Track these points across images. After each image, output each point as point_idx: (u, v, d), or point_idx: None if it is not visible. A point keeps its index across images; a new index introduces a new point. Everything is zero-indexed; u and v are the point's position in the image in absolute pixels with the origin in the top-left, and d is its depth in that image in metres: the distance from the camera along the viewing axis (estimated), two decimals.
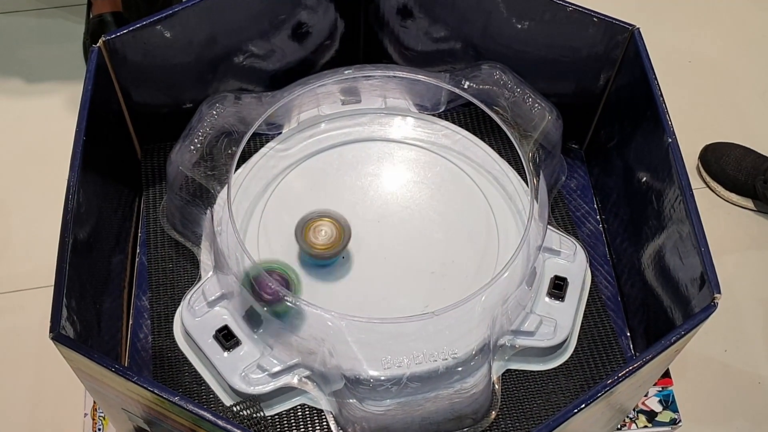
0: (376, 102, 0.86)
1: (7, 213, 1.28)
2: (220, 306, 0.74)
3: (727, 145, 1.33)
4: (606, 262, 0.82)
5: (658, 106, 0.72)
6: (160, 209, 0.83)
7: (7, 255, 1.23)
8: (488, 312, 0.70)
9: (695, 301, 0.66)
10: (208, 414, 0.55)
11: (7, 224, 1.26)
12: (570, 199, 0.86)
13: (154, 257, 0.80)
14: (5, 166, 1.32)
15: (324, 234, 0.73)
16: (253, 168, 0.81)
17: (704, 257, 0.64)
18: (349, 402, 0.68)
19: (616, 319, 0.78)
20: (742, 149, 1.32)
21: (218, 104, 0.78)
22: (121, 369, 0.56)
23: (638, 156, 0.78)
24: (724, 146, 1.33)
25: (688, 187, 0.67)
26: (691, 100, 1.44)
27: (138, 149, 0.88)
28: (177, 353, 0.75)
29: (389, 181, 0.81)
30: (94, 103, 0.72)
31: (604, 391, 0.56)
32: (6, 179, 1.31)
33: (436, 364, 0.68)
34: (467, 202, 0.80)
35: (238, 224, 0.76)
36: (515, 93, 0.81)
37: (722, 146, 1.33)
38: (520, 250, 0.72)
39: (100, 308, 0.73)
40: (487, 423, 0.71)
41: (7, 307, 1.17)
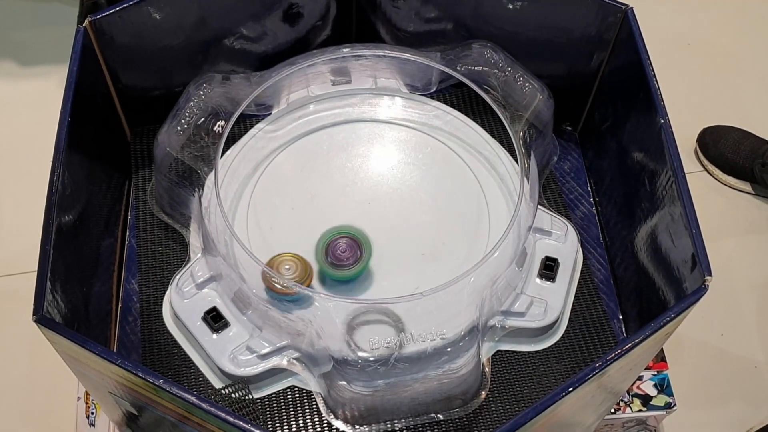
0: (367, 82, 0.85)
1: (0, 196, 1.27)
2: (208, 288, 0.73)
3: (726, 129, 1.32)
4: (599, 244, 0.82)
5: (650, 87, 0.71)
6: (148, 191, 0.82)
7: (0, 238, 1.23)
8: (477, 293, 0.69)
9: (687, 282, 0.65)
10: (192, 397, 0.54)
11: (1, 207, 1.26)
12: (564, 182, 0.85)
13: (144, 240, 0.80)
14: None
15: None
16: (241, 149, 0.80)
17: (695, 239, 0.63)
18: (338, 384, 0.68)
19: (608, 302, 0.78)
20: (741, 132, 1.31)
21: (206, 84, 0.78)
22: (105, 352, 0.56)
23: (632, 138, 0.77)
24: (723, 129, 1.32)
25: (680, 169, 0.66)
26: (690, 82, 1.43)
27: (128, 131, 0.87)
28: (166, 336, 0.74)
29: (379, 162, 0.80)
30: (81, 84, 0.71)
31: (593, 374, 0.56)
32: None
33: (425, 345, 0.67)
34: (458, 183, 0.79)
35: (227, 206, 0.76)
36: (506, 72, 0.80)
37: (720, 129, 1.32)
38: (509, 230, 0.71)
39: (89, 292, 0.72)
40: (476, 404, 0.70)
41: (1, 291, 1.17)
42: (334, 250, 0.70)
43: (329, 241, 0.71)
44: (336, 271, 0.70)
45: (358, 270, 0.70)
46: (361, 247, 0.71)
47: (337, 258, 0.70)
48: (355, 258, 0.70)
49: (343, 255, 0.70)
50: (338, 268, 0.70)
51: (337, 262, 0.70)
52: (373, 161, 0.80)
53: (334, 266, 0.70)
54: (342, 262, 0.70)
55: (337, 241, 0.71)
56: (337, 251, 0.70)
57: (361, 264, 0.70)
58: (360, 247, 0.71)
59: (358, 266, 0.70)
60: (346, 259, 0.70)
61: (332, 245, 0.70)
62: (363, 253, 0.70)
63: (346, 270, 0.70)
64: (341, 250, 0.70)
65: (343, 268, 0.70)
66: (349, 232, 0.71)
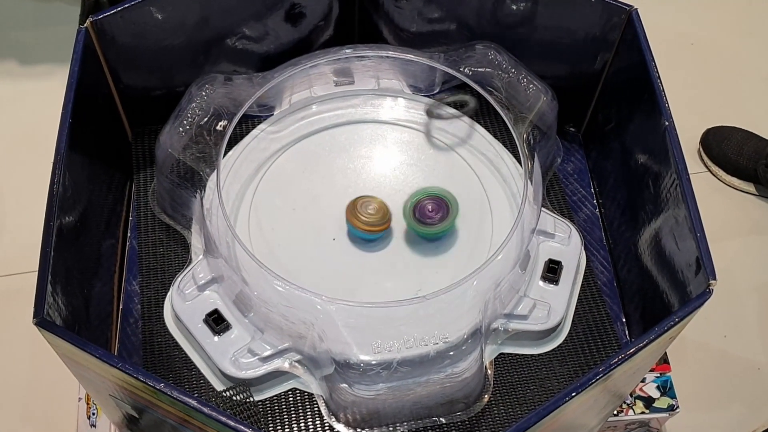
0: (370, 83, 0.84)
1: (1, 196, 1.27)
2: (210, 290, 0.73)
3: (729, 129, 1.31)
4: (602, 247, 0.81)
5: (655, 88, 0.71)
6: (150, 192, 0.82)
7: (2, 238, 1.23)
8: (480, 296, 0.69)
9: (691, 286, 0.65)
10: (193, 401, 0.54)
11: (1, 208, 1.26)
12: (567, 183, 0.85)
13: (145, 241, 0.80)
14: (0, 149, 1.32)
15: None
16: (243, 150, 0.80)
17: (700, 242, 0.63)
18: (339, 386, 0.67)
19: (611, 304, 0.77)
20: (744, 133, 1.30)
21: (208, 85, 0.77)
22: (106, 355, 0.55)
23: (636, 139, 0.77)
24: (726, 130, 1.32)
25: (684, 171, 0.66)
26: (693, 83, 1.42)
27: (129, 132, 0.87)
28: (167, 338, 0.74)
29: (382, 163, 0.80)
30: (82, 84, 0.71)
31: (596, 379, 0.55)
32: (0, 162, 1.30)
33: (427, 349, 0.67)
34: (461, 184, 0.78)
35: (229, 207, 0.75)
36: (510, 74, 0.79)
37: (724, 130, 1.32)
38: (513, 232, 0.71)
39: (90, 293, 0.72)
40: (479, 407, 0.70)
41: (2, 291, 1.17)
42: (422, 209, 0.74)
43: (417, 201, 0.74)
44: (422, 227, 0.73)
45: (445, 227, 0.73)
46: (448, 205, 0.74)
47: (424, 215, 0.73)
48: (442, 215, 0.73)
49: (431, 213, 0.73)
50: (425, 225, 0.73)
51: (424, 219, 0.73)
52: (375, 162, 0.80)
53: (421, 222, 0.73)
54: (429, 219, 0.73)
55: (425, 201, 0.74)
56: (425, 210, 0.73)
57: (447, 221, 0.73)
58: (447, 206, 0.74)
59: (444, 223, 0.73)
60: (432, 217, 0.73)
61: (420, 204, 0.74)
62: (450, 210, 0.74)
63: (431, 227, 0.73)
64: (429, 209, 0.73)
65: (429, 225, 0.73)
66: (436, 193, 0.74)
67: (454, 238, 0.75)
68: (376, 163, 0.80)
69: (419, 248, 0.74)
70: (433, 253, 0.74)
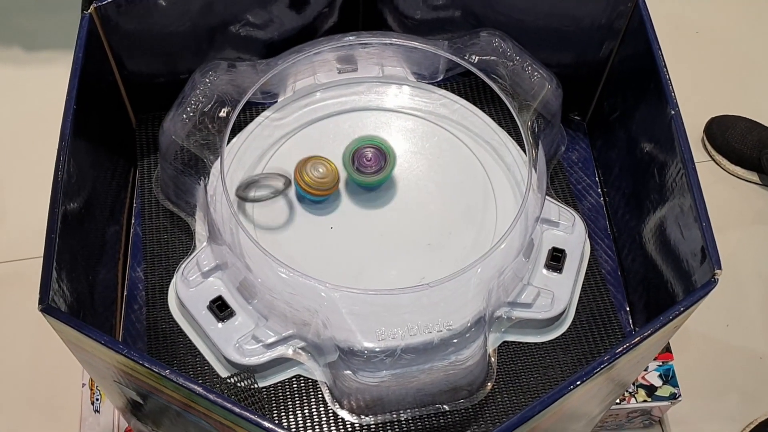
0: (373, 70, 0.84)
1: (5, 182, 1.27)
2: (214, 276, 0.73)
3: (733, 118, 1.31)
4: (607, 235, 0.81)
5: (661, 77, 0.70)
6: (153, 179, 0.82)
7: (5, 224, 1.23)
8: (484, 284, 0.69)
9: (696, 275, 0.65)
10: (198, 387, 0.54)
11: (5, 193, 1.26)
12: (571, 172, 0.85)
13: (149, 228, 0.80)
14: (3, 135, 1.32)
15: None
16: (247, 138, 0.79)
17: (705, 231, 0.63)
18: (343, 373, 0.68)
19: (615, 293, 0.77)
20: (748, 122, 1.30)
21: (211, 72, 0.77)
22: (111, 341, 0.55)
23: (641, 128, 0.76)
24: (730, 119, 1.31)
25: (690, 161, 0.65)
26: (697, 71, 1.42)
27: (133, 118, 0.87)
28: (172, 324, 0.74)
29: None
30: (86, 71, 0.71)
31: (601, 368, 0.55)
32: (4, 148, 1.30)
33: (431, 336, 0.67)
34: (465, 172, 0.78)
35: (233, 194, 0.75)
36: (514, 61, 0.79)
37: (728, 119, 1.31)
38: (517, 221, 0.71)
39: (94, 280, 0.72)
40: (482, 395, 0.70)
41: (6, 276, 1.17)
42: (360, 157, 0.74)
43: (356, 149, 0.75)
44: (361, 176, 0.74)
45: (382, 177, 0.74)
46: (386, 156, 0.74)
47: (362, 165, 0.74)
48: (380, 166, 0.74)
49: (369, 163, 0.74)
50: (363, 174, 0.74)
51: (363, 168, 0.74)
52: None
53: (360, 172, 0.74)
54: (367, 169, 0.74)
55: (364, 149, 0.75)
56: (363, 159, 0.74)
57: (384, 172, 0.74)
58: (385, 157, 0.74)
59: (382, 173, 0.74)
60: (371, 166, 0.74)
61: (358, 153, 0.74)
62: (387, 161, 0.74)
63: (370, 176, 0.74)
64: (367, 158, 0.74)
65: (368, 175, 0.74)
66: (375, 141, 0.75)
67: (457, 226, 0.75)
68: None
69: (423, 236, 0.74)
70: (437, 240, 0.74)
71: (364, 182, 0.75)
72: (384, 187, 0.77)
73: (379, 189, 0.77)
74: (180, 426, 0.69)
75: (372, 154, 0.74)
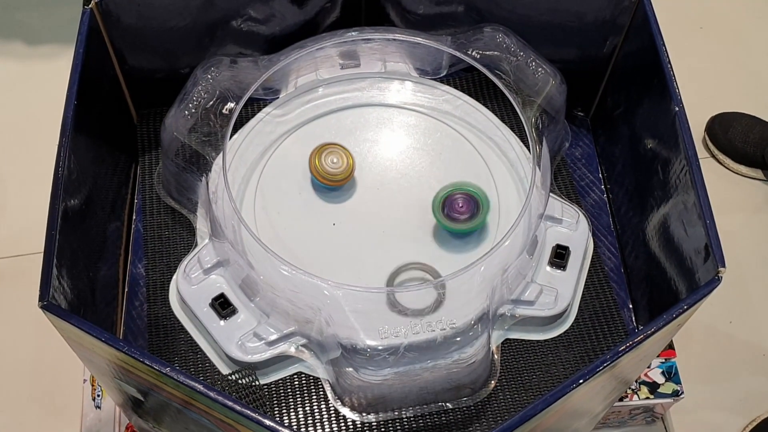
0: (376, 66, 0.84)
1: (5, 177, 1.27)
2: (216, 274, 0.73)
3: (734, 116, 1.30)
4: (610, 232, 0.81)
5: (665, 73, 0.70)
6: (155, 176, 0.81)
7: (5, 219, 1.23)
8: (488, 281, 0.68)
9: (699, 273, 0.64)
10: (199, 385, 0.54)
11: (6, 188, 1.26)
12: (575, 168, 0.84)
13: (150, 224, 0.79)
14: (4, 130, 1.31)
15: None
16: (249, 134, 0.79)
17: (709, 229, 0.62)
18: (346, 371, 0.67)
19: (618, 290, 0.77)
20: (749, 119, 1.29)
21: (213, 68, 0.77)
22: (112, 339, 0.55)
23: (645, 124, 0.76)
24: (731, 117, 1.30)
25: (694, 158, 0.65)
26: (701, 67, 1.41)
27: (134, 114, 0.87)
28: (173, 321, 0.74)
29: (388, 147, 0.79)
30: (87, 66, 0.70)
31: (604, 366, 0.55)
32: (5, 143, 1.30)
33: (434, 334, 0.67)
34: (468, 169, 0.78)
35: (234, 191, 0.75)
36: (518, 57, 0.79)
37: (729, 117, 1.30)
38: (521, 218, 0.70)
39: (95, 276, 0.72)
40: (485, 393, 0.70)
41: (7, 272, 1.17)
42: (451, 204, 0.72)
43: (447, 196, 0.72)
44: (452, 223, 0.72)
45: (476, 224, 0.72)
46: (478, 203, 0.72)
47: (454, 211, 0.72)
48: (471, 213, 0.72)
49: (461, 209, 0.72)
50: (454, 221, 0.72)
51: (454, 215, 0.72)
52: (381, 146, 0.79)
53: (451, 219, 0.72)
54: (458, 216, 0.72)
55: (455, 196, 0.72)
56: (455, 206, 0.72)
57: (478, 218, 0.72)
58: (478, 204, 0.72)
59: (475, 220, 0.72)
60: (462, 213, 0.72)
61: (449, 199, 0.72)
62: (480, 209, 0.72)
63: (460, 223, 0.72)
64: (458, 204, 0.72)
65: (458, 222, 0.72)
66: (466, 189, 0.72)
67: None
68: (383, 147, 0.79)
69: (427, 234, 0.74)
70: (440, 238, 0.74)
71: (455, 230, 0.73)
72: (386, 184, 0.77)
73: (381, 185, 0.77)
74: (180, 423, 0.69)
75: (463, 201, 0.72)
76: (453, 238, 0.73)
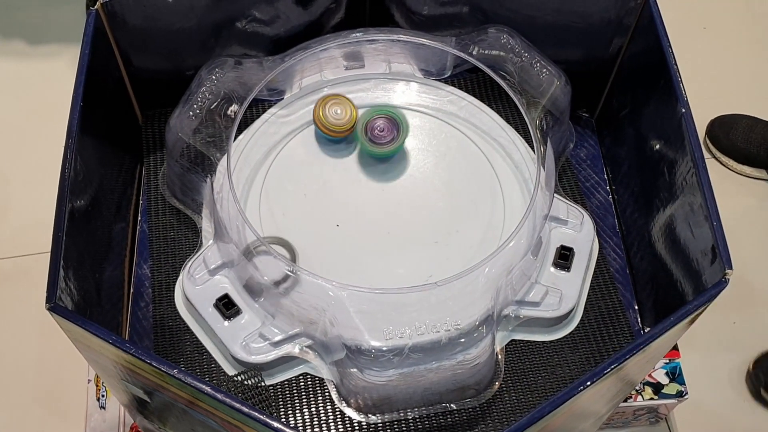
0: (380, 67, 0.84)
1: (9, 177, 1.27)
2: (220, 274, 0.73)
3: (734, 117, 1.30)
4: (615, 233, 0.81)
5: (672, 75, 0.70)
6: (160, 176, 0.81)
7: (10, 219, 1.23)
8: (492, 282, 0.68)
9: (706, 275, 0.64)
10: (207, 387, 0.54)
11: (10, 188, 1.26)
12: (579, 169, 0.84)
13: (156, 225, 0.79)
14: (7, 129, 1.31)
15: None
16: (254, 135, 0.79)
17: (716, 231, 0.62)
18: (350, 372, 0.67)
19: (624, 291, 0.77)
20: (749, 120, 1.29)
21: (218, 69, 0.77)
22: (119, 341, 0.55)
23: (651, 126, 0.76)
24: (731, 119, 1.30)
25: (701, 159, 0.65)
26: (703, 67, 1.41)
27: (139, 115, 0.87)
28: (178, 322, 0.74)
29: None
30: (93, 68, 0.70)
31: (611, 368, 0.55)
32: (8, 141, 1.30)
33: (439, 335, 0.67)
34: (472, 170, 0.78)
35: (239, 192, 0.75)
36: (523, 58, 0.79)
37: (729, 119, 1.30)
38: (525, 219, 0.70)
39: (101, 277, 0.72)
40: (490, 394, 0.70)
41: (11, 272, 1.17)
42: (372, 128, 0.75)
43: (369, 119, 0.75)
44: (374, 147, 0.75)
45: (394, 148, 0.75)
46: (398, 126, 0.75)
47: (375, 135, 0.75)
48: (392, 136, 0.75)
49: (381, 133, 0.75)
50: (376, 145, 0.75)
51: (375, 139, 0.75)
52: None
53: (373, 143, 0.75)
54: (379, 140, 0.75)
55: (376, 120, 0.75)
56: (375, 129, 0.75)
57: (397, 142, 0.75)
58: (397, 127, 0.75)
59: (394, 144, 0.75)
60: (384, 137, 0.75)
61: (371, 123, 0.75)
62: (400, 132, 0.75)
63: (383, 147, 0.75)
64: (379, 129, 0.75)
65: (381, 146, 0.75)
66: (387, 111, 0.76)
67: (465, 223, 0.75)
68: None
69: (430, 233, 0.74)
70: (444, 238, 0.74)
71: (377, 153, 0.76)
72: (391, 184, 0.77)
73: (386, 186, 0.77)
74: (186, 423, 0.69)
75: (384, 124, 0.75)
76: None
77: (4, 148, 1.30)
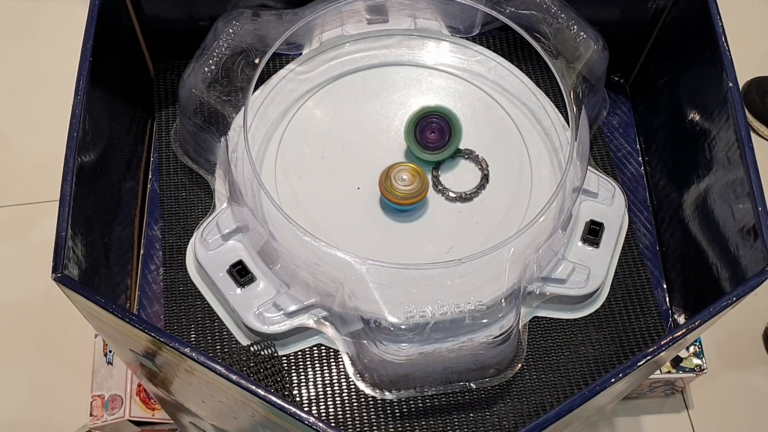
0: (405, 22, 0.79)
1: (17, 120, 1.23)
2: (234, 239, 0.70)
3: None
4: (646, 207, 0.77)
5: (719, 46, 0.65)
6: (172, 133, 0.78)
7: (18, 167, 1.20)
8: (519, 258, 0.65)
9: (745, 256, 0.61)
10: (220, 368, 0.51)
11: (20, 136, 1.22)
12: (611, 138, 0.80)
13: (167, 184, 0.76)
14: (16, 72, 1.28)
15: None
16: (271, 92, 0.75)
17: (759, 208, 0.58)
18: (367, 347, 0.65)
19: (652, 269, 0.74)
20: None
21: (235, 21, 0.72)
22: (129, 315, 0.52)
23: (691, 97, 0.72)
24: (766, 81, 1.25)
25: (747, 138, 0.61)
26: (742, 23, 1.34)
27: (151, 67, 0.83)
28: (189, 287, 0.71)
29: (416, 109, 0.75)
30: (103, 17, 0.66)
31: (645, 360, 0.52)
32: (16, 86, 1.26)
33: (462, 314, 0.64)
34: (499, 136, 0.74)
35: (254, 153, 0.72)
36: (559, 19, 0.74)
37: (765, 81, 1.25)
38: (556, 195, 0.67)
39: (110, 238, 0.69)
40: (510, 374, 0.68)
41: (20, 220, 1.15)
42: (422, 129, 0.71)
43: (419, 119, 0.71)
44: (425, 153, 0.71)
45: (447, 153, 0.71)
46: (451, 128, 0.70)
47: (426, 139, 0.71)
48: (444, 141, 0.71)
49: (432, 136, 0.70)
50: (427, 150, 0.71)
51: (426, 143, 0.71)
52: (408, 109, 0.75)
53: (422, 147, 0.71)
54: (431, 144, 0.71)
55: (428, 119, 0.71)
56: (426, 131, 0.71)
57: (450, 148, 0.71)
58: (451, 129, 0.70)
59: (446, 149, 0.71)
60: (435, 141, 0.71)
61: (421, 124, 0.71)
62: (453, 135, 0.70)
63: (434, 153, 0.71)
64: (430, 131, 0.70)
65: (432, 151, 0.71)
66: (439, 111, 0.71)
67: (490, 194, 0.71)
68: (410, 110, 0.75)
69: (453, 204, 0.71)
70: (467, 210, 0.71)
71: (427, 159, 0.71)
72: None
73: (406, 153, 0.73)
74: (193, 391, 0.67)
75: (436, 125, 0.70)
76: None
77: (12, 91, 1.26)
